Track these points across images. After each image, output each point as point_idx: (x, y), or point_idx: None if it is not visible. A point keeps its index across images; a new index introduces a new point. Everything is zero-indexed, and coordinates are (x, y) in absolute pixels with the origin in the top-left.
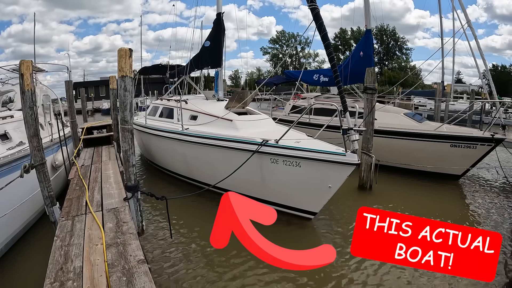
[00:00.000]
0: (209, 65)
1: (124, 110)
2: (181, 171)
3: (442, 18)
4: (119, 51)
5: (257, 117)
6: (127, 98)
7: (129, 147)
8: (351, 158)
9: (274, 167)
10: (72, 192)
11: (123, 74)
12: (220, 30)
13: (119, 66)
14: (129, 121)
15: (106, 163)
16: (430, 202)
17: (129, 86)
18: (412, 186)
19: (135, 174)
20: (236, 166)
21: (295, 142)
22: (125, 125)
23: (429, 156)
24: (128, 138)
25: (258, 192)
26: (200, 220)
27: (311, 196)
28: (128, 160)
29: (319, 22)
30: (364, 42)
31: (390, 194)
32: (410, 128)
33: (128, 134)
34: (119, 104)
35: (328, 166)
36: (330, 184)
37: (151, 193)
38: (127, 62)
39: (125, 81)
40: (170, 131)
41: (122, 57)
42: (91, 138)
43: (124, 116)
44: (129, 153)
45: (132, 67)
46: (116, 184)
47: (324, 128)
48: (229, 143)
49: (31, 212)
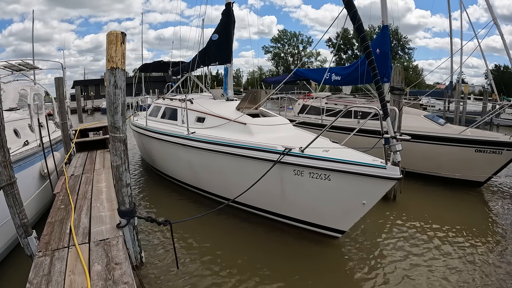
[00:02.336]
0: (216, 61)
1: (114, 113)
2: (187, 180)
3: (451, 17)
4: (108, 36)
5: (274, 120)
6: (118, 97)
7: (122, 162)
8: (393, 171)
9: (298, 180)
10: (55, 212)
11: (113, 65)
12: (230, 22)
13: (108, 55)
14: (121, 127)
15: (99, 172)
16: (454, 212)
17: (121, 81)
18: (435, 195)
19: (130, 196)
20: (251, 177)
21: (323, 151)
22: (116, 133)
23: (452, 161)
24: (120, 150)
25: (277, 207)
26: (210, 238)
27: (341, 213)
28: (120, 178)
29: (353, 11)
30: (381, 39)
31: (414, 204)
32: (434, 132)
33: (119, 145)
34: (107, 106)
35: (364, 180)
36: (365, 200)
37: (151, 218)
38: (118, 49)
39: (115, 75)
40: (174, 134)
41: (112, 43)
42: (85, 142)
43: (114, 121)
44: (122, 169)
45: (125, 57)
46: (108, 203)
47: (354, 133)
48: (245, 151)
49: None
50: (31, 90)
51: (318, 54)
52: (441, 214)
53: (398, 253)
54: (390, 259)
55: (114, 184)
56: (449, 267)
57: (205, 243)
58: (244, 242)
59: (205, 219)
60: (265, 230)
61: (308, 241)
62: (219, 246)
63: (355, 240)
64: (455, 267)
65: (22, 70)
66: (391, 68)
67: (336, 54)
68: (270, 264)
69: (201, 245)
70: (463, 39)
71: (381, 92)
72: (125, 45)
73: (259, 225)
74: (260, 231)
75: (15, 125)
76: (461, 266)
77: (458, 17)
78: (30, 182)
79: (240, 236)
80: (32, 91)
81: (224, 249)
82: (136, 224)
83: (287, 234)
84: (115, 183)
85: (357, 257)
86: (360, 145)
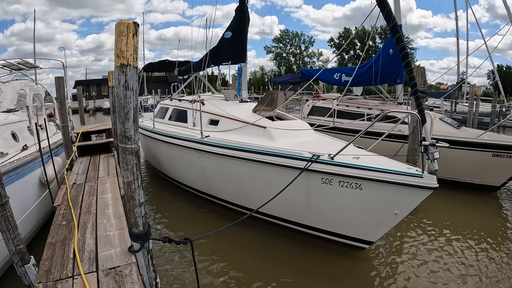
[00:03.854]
0: (229, 59)
1: (125, 120)
2: (198, 186)
3: (457, 18)
4: (117, 26)
5: (294, 124)
6: (129, 101)
7: (134, 178)
8: (430, 180)
9: (326, 189)
10: (56, 230)
11: (124, 62)
12: (244, 19)
13: (117, 49)
14: (133, 137)
15: (103, 180)
16: (472, 217)
17: (133, 81)
18: (453, 199)
19: (144, 217)
20: (273, 185)
21: (353, 158)
22: (127, 144)
23: (468, 165)
24: (131, 164)
25: (301, 217)
26: (230, 254)
27: (370, 223)
28: (132, 197)
29: (387, 10)
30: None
31: (433, 210)
32: (450, 136)
33: (131, 158)
34: (117, 111)
35: (398, 190)
36: (398, 210)
37: (168, 238)
38: (130, 43)
39: (126, 74)
40: (186, 138)
41: (122, 34)
42: (87, 146)
43: (125, 130)
44: (134, 186)
45: (138, 52)
46: (116, 220)
47: (382, 138)
48: (267, 157)
49: None
50: (31, 90)
51: (320, 54)
52: (462, 219)
53: (418, 257)
54: (411, 267)
55: (122, 196)
56: None
57: (225, 260)
58: (267, 258)
59: (222, 231)
60: (287, 241)
61: (334, 253)
62: (241, 264)
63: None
64: None
65: (21, 69)
66: (404, 68)
67: (338, 55)
68: (296, 280)
69: (221, 263)
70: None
71: (418, 96)
72: (137, 38)
73: (280, 236)
74: (282, 243)
75: (13, 127)
76: None
77: (460, 17)
78: (29, 191)
79: (262, 251)
80: (31, 92)
81: (247, 267)
82: (150, 248)
83: (311, 245)
84: (126, 202)
85: (382, 268)
86: (380, 149)
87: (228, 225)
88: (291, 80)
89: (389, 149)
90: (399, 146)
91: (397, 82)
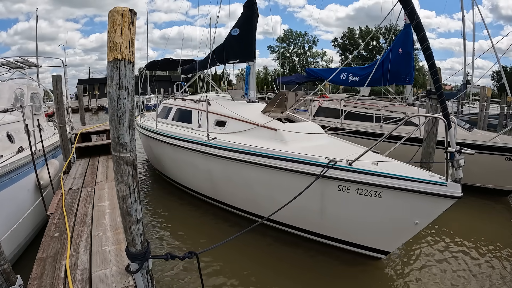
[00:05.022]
0: (237, 58)
1: (118, 124)
2: (203, 190)
3: (464, 18)
4: (111, 14)
5: (306, 126)
6: (124, 102)
7: (130, 191)
8: (454, 189)
9: (342, 196)
10: (48, 243)
11: (117, 55)
12: (253, 15)
13: (110, 41)
14: (128, 144)
15: (101, 186)
16: (486, 222)
17: (128, 78)
18: (466, 205)
19: (142, 235)
20: (285, 191)
21: (372, 164)
22: (122, 152)
23: (481, 169)
24: (127, 176)
25: (314, 225)
26: (239, 266)
27: (389, 233)
28: (129, 213)
29: (410, 8)
30: (404, 38)
31: (444, 215)
32: (463, 139)
33: (126, 169)
34: (110, 114)
35: (420, 198)
36: (418, 220)
37: (170, 254)
38: (125, 33)
39: (120, 70)
40: (191, 140)
41: (116, 23)
42: (86, 147)
43: (118, 136)
44: (130, 201)
45: (134, 44)
46: (112, 232)
47: (401, 141)
48: (280, 162)
49: None
50: (28, 89)
51: (324, 54)
52: (475, 225)
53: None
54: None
55: (120, 208)
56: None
57: (234, 274)
58: (277, 271)
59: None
60: (297, 250)
61: (347, 264)
62: (250, 277)
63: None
64: None
65: (21, 67)
66: (413, 68)
67: (342, 54)
68: None
69: (231, 279)
70: (469, 40)
71: (443, 100)
72: (134, 28)
73: (290, 245)
74: (294, 253)
75: (9, 128)
76: None
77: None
78: (24, 197)
79: (273, 262)
80: (29, 90)
81: (258, 282)
82: (150, 268)
83: (324, 256)
84: (122, 218)
85: (398, 279)
86: (391, 153)
87: (237, 234)
88: (296, 80)
89: (400, 153)
90: (409, 149)
91: (406, 82)
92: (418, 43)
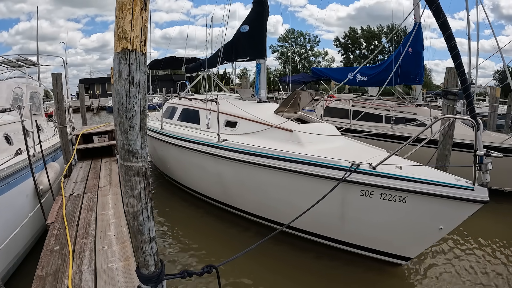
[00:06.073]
0: (247, 55)
1: (128, 128)
2: (213, 195)
3: (469, 17)
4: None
5: (322, 127)
6: (134, 101)
7: (142, 207)
8: (481, 193)
9: (365, 202)
10: (47, 258)
11: (127, 46)
12: (263, 11)
13: (119, 28)
14: (139, 152)
15: (104, 191)
16: (503, 227)
17: (139, 73)
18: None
19: (155, 255)
20: (302, 196)
21: (396, 168)
22: (132, 161)
23: (494, 172)
24: (138, 189)
25: (333, 231)
26: (259, 278)
27: (412, 238)
28: (140, 231)
29: (435, 5)
30: (414, 37)
31: None
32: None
33: (138, 180)
34: (117, 116)
35: (446, 203)
36: (443, 225)
37: (187, 271)
38: (136, 19)
39: (130, 63)
40: (201, 142)
41: (126, 7)
42: (88, 149)
43: (128, 142)
44: (142, 218)
45: (147, 32)
46: (119, 246)
47: (422, 144)
48: (300, 166)
49: None
50: (28, 88)
51: (325, 53)
52: (494, 229)
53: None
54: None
55: (130, 226)
56: None
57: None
58: (295, 280)
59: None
60: (311, 256)
61: (367, 270)
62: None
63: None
64: None
65: (20, 66)
66: (423, 68)
67: (344, 54)
68: None
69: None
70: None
71: (470, 101)
72: (147, 14)
73: (307, 252)
74: (312, 261)
75: (7, 129)
76: None
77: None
78: (22, 203)
79: (289, 270)
80: (28, 90)
81: None
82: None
83: (345, 262)
84: (132, 237)
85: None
86: (403, 155)
87: (258, 242)
88: (302, 79)
89: (413, 155)
90: (423, 151)
91: (416, 82)
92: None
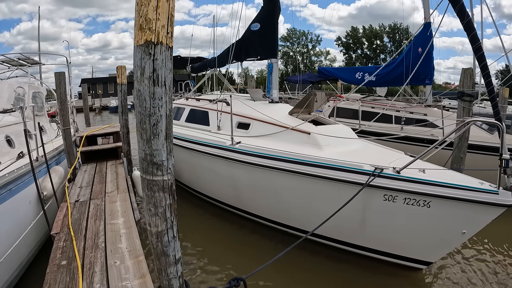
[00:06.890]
0: (258, 54)
1: (152, 136)
2: (224, 198)
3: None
4: None
5: (339, 129)
6: (160, 105)
7: (167, 227)
8: (505, 197)
9: (388, 206)
10: (54, 274)
11: (151, 37)
12: (275, 8)
13: (142, 17)
14: (165, 164)
15: (112, 197)
16: None
17: (165, 71)
18: None
19: (180, 277)
20: (322, 201)
21: (419, 172)
22: (156, 175)
23: None
24: (162, 206)
25: (354, 237)
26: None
27: (434, 243)
28: (165, 252)
29: (459, 5)
30: (423, 37)
31: None
32: (487, 142)
33: (163, 197)
34: (139, 120)
35: (470, 207)
36: (466, 229)
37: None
38: (162, 7)
39: (155, 58)
40: (213, 145)
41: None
42: (93, 151)
43: (152, 152)
44: (167, 238)
45: (173, 23)
46: (133, 260)
47: (442, 147)
48: (320, 170)
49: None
50: (30, 88)
51: (327, 53)
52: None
53: None
54: None
55: (137, 222)
56: None
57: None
58: None
59: (265, 256)
60: (330, 262)
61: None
62: None
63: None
64: None
65: (22, 65)
66: (433, 68)
67: (346, 53)
68: None
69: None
70: None
71: (496, 104)
72: (174, 1)
73: (329, 259)
74: (337, 269)
75: (8, 131)
76: None
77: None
78: (25, 210)
79: (312, 277)
80: (30, 89)
81: None
82: None
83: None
84: (155, 259)
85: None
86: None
87: (285, 251)
88: (309, 79)
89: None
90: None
91: (425, 82)
92: None
